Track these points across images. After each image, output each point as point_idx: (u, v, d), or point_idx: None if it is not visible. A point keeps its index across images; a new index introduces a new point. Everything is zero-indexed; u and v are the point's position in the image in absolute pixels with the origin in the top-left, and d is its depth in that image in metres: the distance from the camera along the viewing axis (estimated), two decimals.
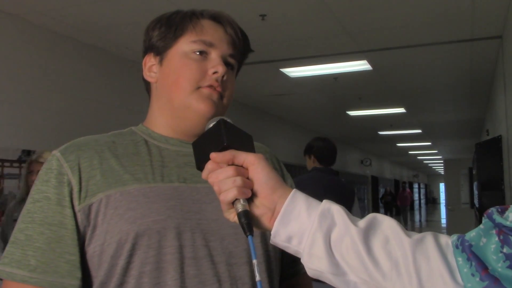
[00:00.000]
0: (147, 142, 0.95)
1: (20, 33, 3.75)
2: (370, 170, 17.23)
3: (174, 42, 0.93)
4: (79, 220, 0.83)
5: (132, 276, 0.81)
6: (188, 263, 0.83)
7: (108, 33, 4.17)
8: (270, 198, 0.70)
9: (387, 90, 6.81)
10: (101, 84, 4.57)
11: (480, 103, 7.78)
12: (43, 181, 0.85)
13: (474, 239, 0.64)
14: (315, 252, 0.67)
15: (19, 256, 0.81)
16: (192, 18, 0.93)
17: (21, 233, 0.82)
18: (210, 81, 0.90)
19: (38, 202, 0.84)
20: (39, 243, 0.81)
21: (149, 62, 0.98)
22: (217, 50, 0.92)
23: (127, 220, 0.82)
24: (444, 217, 19.65)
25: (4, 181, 3.51)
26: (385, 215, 0.70)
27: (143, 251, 0.81)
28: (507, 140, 4.50)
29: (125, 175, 0.86)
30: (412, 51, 4.86)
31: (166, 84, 0.94)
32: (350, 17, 3.91)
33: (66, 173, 0.85)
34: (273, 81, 6.04)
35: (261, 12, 3.70)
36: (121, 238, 0.81)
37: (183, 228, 0.84)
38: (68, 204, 0.83)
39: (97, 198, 0.84)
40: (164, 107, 0.95)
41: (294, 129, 9.96)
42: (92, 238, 0.83)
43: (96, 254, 0.83)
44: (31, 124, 3.77)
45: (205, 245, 0.85)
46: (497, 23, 4.05)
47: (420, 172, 32.17)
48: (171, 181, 0.88)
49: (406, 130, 11.27)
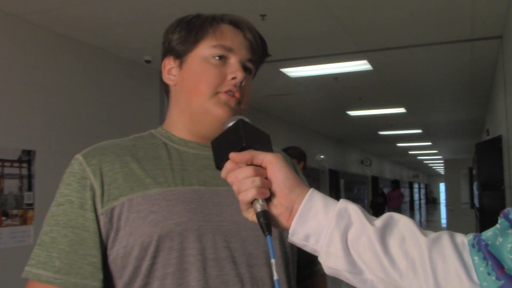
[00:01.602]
0: (166, 146, 0.96)
1: (20, 33, 3.75)
2: (370, 170, 17.24)
3: (194, 46, 0.94)
4: (102, 223, 0.86)
5: (156, 277, 0.83)
6: (210, 264, 0.84)
7: (108, 33, 4.17)
8: (288, 198, 0.71)
9: (387, 90, 6.81)
10: (101, 84, 4.57)
11: (480, 103, 7.78)
12: (66, 184, 0.88)
13: (491, 238, 0.64)
14: (332, 250, 0.68)
15: (45, 257, 0.84)
16: (213, 23, 0.94)
17: (46, 235, 0.86)
18: (228, 86, 0.91)
19: (61, 205, 0.87)
20: (63, 245, 0.84)
21: (168, 64, 0.99)
22: (236, 55, 0.93)
23: (149, 223, 0.84)
24: (444, 217, 19.66)
25: (4, 181, 3.51)
26: (401, 214, 0.71)
27: (166, 253, 0.83)
28: (507, 140, 4.50)
29: (147, 179, 0.88)
30: (412, 51, 4.86)
31: (185, 87, 0.95)
32: (350, 17, 3.91)
33: (89, 177, 0.87)
34: (273, 81, 6.04)
35: (261, 12, 3.70)
36: (144, 240, 0.83)
37: (204, 230, 0.85)
38: (90, 207, 0.86)
39: (119, 201, 0.86)
40: (183, 111, 0.96)
41: (294, 129, 9.95)
42: (116, 240, 0.85)
43: (120, 256, 0.85)
44: (31, 124, 3.77)
45: (226, 247, 0.86)
46: (497, 23, 4.05)
47: (420, 172, 32.16)
48: (191, 184, 0.90)
49: (406, 130, 11.27)
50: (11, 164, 3.57)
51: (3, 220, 3.47)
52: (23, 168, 3.65)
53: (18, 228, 3.57)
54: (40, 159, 3.78)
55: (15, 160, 3.60)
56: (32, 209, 3.68)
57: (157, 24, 3.91)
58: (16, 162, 3.61)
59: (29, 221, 3.66)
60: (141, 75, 5.10)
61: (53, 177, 3.82)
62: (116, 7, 3.60)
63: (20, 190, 3.62)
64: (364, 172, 16.50)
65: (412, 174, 29.38)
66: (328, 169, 12.03)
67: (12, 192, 3.56)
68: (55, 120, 3.99)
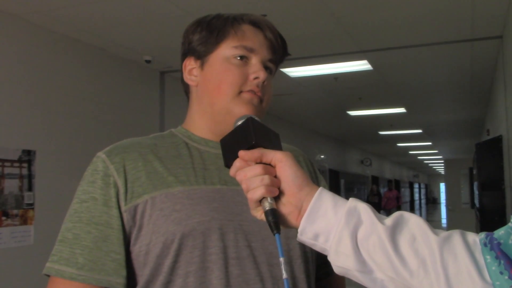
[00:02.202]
0: (187, 145, 0.97)
1: (20, 33, 3.75)
2: (370, 170, 17.24)
3: (215, 47, 0.94)
4: (125, 220, 0.86)
5: (178, 275, 0.84)
6: (232, 263, 0.85)
7: (108, 33, 4.17)
8: (297, 196, 0.71)
9: (387, 90, 6.81)
10: (101, 84, 4.57)
11: (480, 103, 7.78)
12: (89, 182, 0.88)
13: (503, 237, 0.64)
14: (342, 249, 0.68)
15: (68, 254, 0.84)
16: (234, 23, 0.95)
17: (69, 232, 0.86)
18: (251, 86, 0.92)
19: (85, 202, 0.87)
20: (86, 242, 0.84)
21: (189, 65, 0.99)
22: (257, 55, 0.94)
23: (172, 221, 0.85)
24: (444, 217, 19.65)
25: (5, 181, 3.51)
26: (411, 213, 0.70)
27: (189, 251, 0.84)
28: (507, 140, 4.50)
29: (169, 177, 0.89)
30: (412, 51, 4.86)
31: (207, 88, 0.95)
32: (350, 17, 3.91)
33: (112, 174, 0.88)
34: (273, 81, 6.04)
35: (261, 12, 3.68)
36: (167, 238, 0.84)
37: (226, 229, 0.86)
38: (114, 205, 0.86)
39: (142, 199, 0.87)
40: (205, 111, 0.97)
41: (294, 129, 9.95)
42: (138, 238, 0.86)
43: (142, 254, 0.85)
44: (31, 124, 3.77)
45: (247, 246, 0.87)
46: (497, 23, 4.05)
47: (420, 172, 32.17)
48: (213, 184, 0.91)
49: (406, 130, 11.27)
50: (11, 164, 3.57)
51: (3, 220, 3.47)
52: (23, 168, 3.65)
53: (18, 228, 3.57)
54: (40, 159, 3.78)
55: (15, 160, 3.60)
56: (32, 209, 3.68)
57: (157, 24, 3.91)
58: (16, 162, 3.61)
59: (29, 221, 3.66)
60: (141, 75, 5.10)
61: (53, 177, 3.84)
62: (116, 7, 3.60)
63: (20, 190, 3.62)
64: (364, 172, 16.50)
65: (412, 174, 29.39)
66: (328, 169, 12.03)
67: (12, 192, 3.56)
68: (55, 120, 3.99)
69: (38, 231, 3.68)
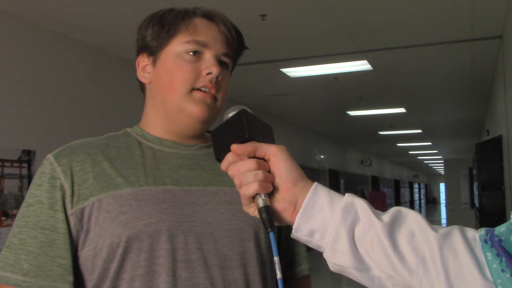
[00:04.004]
0: (141, 144, 0.94)
1: (20, 33, 3.75)
2: (370, 170, 17.24)
3: (167, 42, 0.92)
4: (72, 224, 0.83)
5: (124, 279, 0.81)
6: (180, 266, 0.82)
7: (108, 33, 4.17)
8: (291, 192, 0.68)
9: (387, 90, 6.81)
10: (101, 84, 4.57)
11: (480, 103, 7.78)
12: (37, 185, 0.85)
13: (504, 234, 0.62)
14: (338, 247, 0.65)
15: (13, 260, 0.81)
16: (185, 17, 0.92)
17: (15, 237, 0.83)
18: (204, 82, 0.89)
19: (31, 206, 0.84)
20: (31, 247, 0.81)
21: (142, 62, 0.97)
22: (211, 50, 0.90)
23: (119, 223, 0.81)
24: (444, 217, 19.66)
25: (4, 181, 3.51)
26: (409, 209, 0.68)
27: (135, 254, 0.81)
28: (507, 140, 4.50)
29: (118, 179, 0.86)
30: (412, 51, 4.86)
31: (159, 85, 0.92)
32: (350, 17, 3.91)
33: (59, 177, 0.84)
34: (273, 81, 6.04)
35: (261, 12, 3.70)
36: (113, 241, 0.81)
37: (175, 231, 0.83)
38: (60, 208, 0.83)
39: (89, 202, 0.83)
40: (158, 109, 0.94)
41: (294, 129, 9.96)
42: (86, 242, 0.83)
43: (90, 258, 0.83)
44: (31, 124, 3.77)
45: (198, 248, 0.84)
46: (497, 23, 4.05)
47: (420, 172, 32.17)
48: (164, 184, 0.87)
49: (406, 130, 11.27)
50: (11, 164, 3.57)
51: (3, 220, 3.47)
52: (23, 168, 3.65)
53: None
54: (40, 159, 3.77)
55: (15, 160, 3.60)
56: None
57: None
58: (16, 162, 3.61)
59: None
60: None
61: None
62: (116, 7, 3.60)
63: (20, 190, 3.62)
64: (364, 172, 16.50)
65: (412, 174, 29.40)
66: (328, 169, 12.04)
67: (12, 192, 3.56)
68: (55, 120, 3.99)
69: None
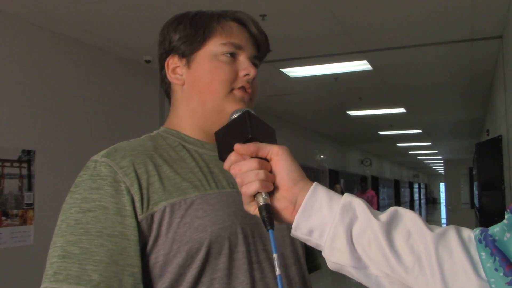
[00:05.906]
0: (185, 147, 0.92)
1: (20, 33, 3.75)
2: (370, 170, 17.23)
3: (202, 44, 0.92)
4: (142, 230, 0.80)
5: (202, 283, 0.80)
6: (254, 267, 0.83)
7: (108, 33, 4.17)
8: (291, 191, 0.70)
9: (387, 90, 6.81)
10: (101, 84, 4.57)
11: (480, 103, 7.78)
12: (92, 189, 0.80)
13: (498, 234, 0.63)
14: (336, 245, 0.67)
15: (77, 271, 0.74)
16: (220, 20, 0.93)
17: (74, 246, 0.76)
18: (242, 83, 0.91)
19: (90, 211, 0.78)
20: (99, 256, 0.76)
21: (172, 64, 0.96)
22: (245, 52, 0.93)
23: (196, 228, 0.80)
24: (444, 217, 19.67)
25: (5, 181, 3.51)
26: (406, 209, 0.70)
27: (214, 258, 0.81)
28: (507, 140, 4.50)
29: (183, 183, 0.84)
30: (412, 51, 4.86)
31: (197, 87, 0.93)
32: (350, 17, 3.91)
33: (123, 180, 0.81)
34: (273, 81, 6.04)
35: (261, 12, 3.70)
36: (191, 247, 0.79)
37: (246, 234, 0.84)
38: (130, 213, 0.79)
39: (159, 207, 0.81)
40: (195, 110, 0.94)
41: (294, 129, 9.96)
42: (154, 248, 0.80)
43: (159, 264, 0.80)
44: (31, 124, 3.77)
45: (263, 249, 0.86)
46: (497, 23, 4.05)
47: (420, 172, 32.17)
48: (223, 187, 0.88)
49: (406, 130, 11.27)
50: (11, 164, 3.57)
51: (3, 220, 3.47)
52: (23, 168, 3.65)
53: (18, 228, 3.57)
54: (40, 159, 3.78)
55: (15, 160, 3.60)
56: (32, 209, 3.68)
57: (157, 24, 3.90)
58: (16, 162, 3.61)
59: (29, 221, 3.66)
60: (141, 75, 5.10)
61: (53, 177, 3.84)
62: (116, 7, 3.60)
63: (20, 190, 3.62)
64: (364, 172, 16.50)
65: (412, 174, 29.40)
66: (328, 169, 12.04)
67: (12, 192, 3.56)
68: (55, 120, 3.99)
69: (38, 231, 3.68)
